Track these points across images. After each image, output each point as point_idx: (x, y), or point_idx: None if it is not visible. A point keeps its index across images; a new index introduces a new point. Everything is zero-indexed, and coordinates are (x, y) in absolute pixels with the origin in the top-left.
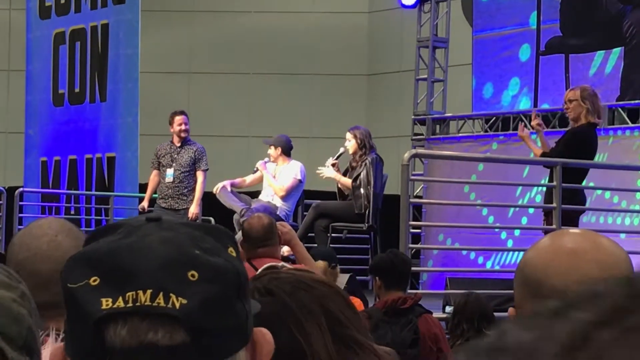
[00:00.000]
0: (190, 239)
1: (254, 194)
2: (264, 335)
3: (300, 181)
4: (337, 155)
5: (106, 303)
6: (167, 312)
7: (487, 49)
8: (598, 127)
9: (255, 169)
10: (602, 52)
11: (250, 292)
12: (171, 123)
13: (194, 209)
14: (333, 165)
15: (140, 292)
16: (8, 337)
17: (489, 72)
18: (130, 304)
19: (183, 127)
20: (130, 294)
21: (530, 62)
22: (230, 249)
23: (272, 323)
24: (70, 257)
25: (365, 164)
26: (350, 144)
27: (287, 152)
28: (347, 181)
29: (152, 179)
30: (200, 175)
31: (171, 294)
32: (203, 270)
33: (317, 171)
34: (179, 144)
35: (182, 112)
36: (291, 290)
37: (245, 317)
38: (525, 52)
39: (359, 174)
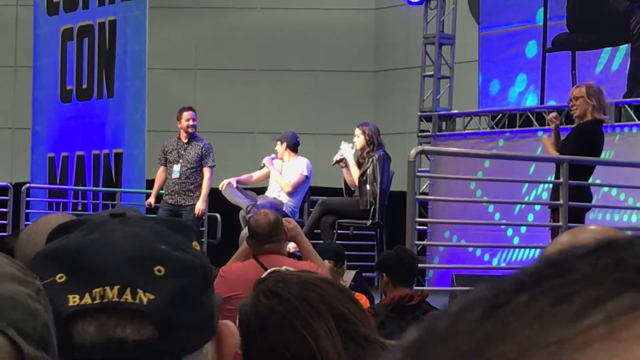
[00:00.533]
0: (155, 234)
1: (261, 191)
2: (228, 328)
3: (306, 177)
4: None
5: (73, 300)
6: (134, 308)
7: (494, 46)
8: (604, 124)
9: (262, 165)
10: (609, 49)
11: (256, 294)
12: (179, 119)
13: (200, 205)
14: (340, 161)
15: (108, 288)
16: (24, 332)
17: (496, 68)
18: (97, 301)
19: (191, 122)
20: (97, 290)
21: (537, 59)
22: (195, 243)
23: (280, 325)
24: (35, 255)
25: (372, 161)
26: (359, 140)
27: (293, 148)
28: (357, 172)
29: (159, 175)
30: (207, 172)
31: (138, 290)
32: (169, 265)
33: (340, 149)
34: (186, 140)
35: (190, 108)
36: (297, 291)
37: (212, 310)
38: (532, 49)
39: (366, 170)
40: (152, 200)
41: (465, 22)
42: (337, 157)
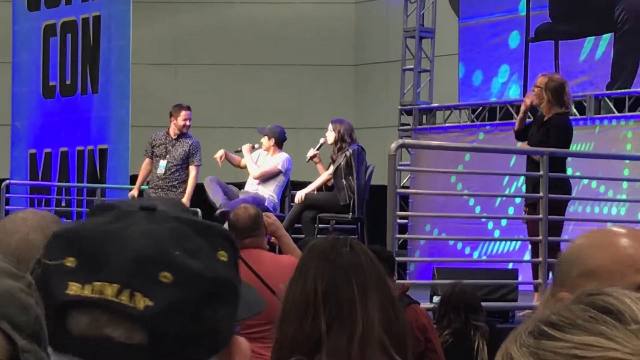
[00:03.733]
0: (174, 236)
1: (242, 185)
2: (239, 345)
3: (280, 171)
4: (317, 146)
5: (73, 288)
6: (128, 312)
7: (476, 36)
8: (570, 115)
9: (239, 149)
10: (592, 38)
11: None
12: (174, 115)
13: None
14: (314, 156)
15: (107, 285)
16: (17, 326)
17: (479, 59)
18: (95, 295)
19: (188, 122)
20: (97, 284)
21: (519, 49)
22: (221, 252)
23: None
24: (54, 233)
25: (346, 155)
26: (331, 135)
27: (279, 143)
28: (323, 177)
29: (144, 167)
30: (192, 170)
31: (137, 293)
32: (176, 273)
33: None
34: (175, 137)
35: (188, 108)
36: None
37: (214, 326)
38: (514, 39)
39: (339, 165)
40: (135, 192)
41: (445, 15)
42: (310, 153)
